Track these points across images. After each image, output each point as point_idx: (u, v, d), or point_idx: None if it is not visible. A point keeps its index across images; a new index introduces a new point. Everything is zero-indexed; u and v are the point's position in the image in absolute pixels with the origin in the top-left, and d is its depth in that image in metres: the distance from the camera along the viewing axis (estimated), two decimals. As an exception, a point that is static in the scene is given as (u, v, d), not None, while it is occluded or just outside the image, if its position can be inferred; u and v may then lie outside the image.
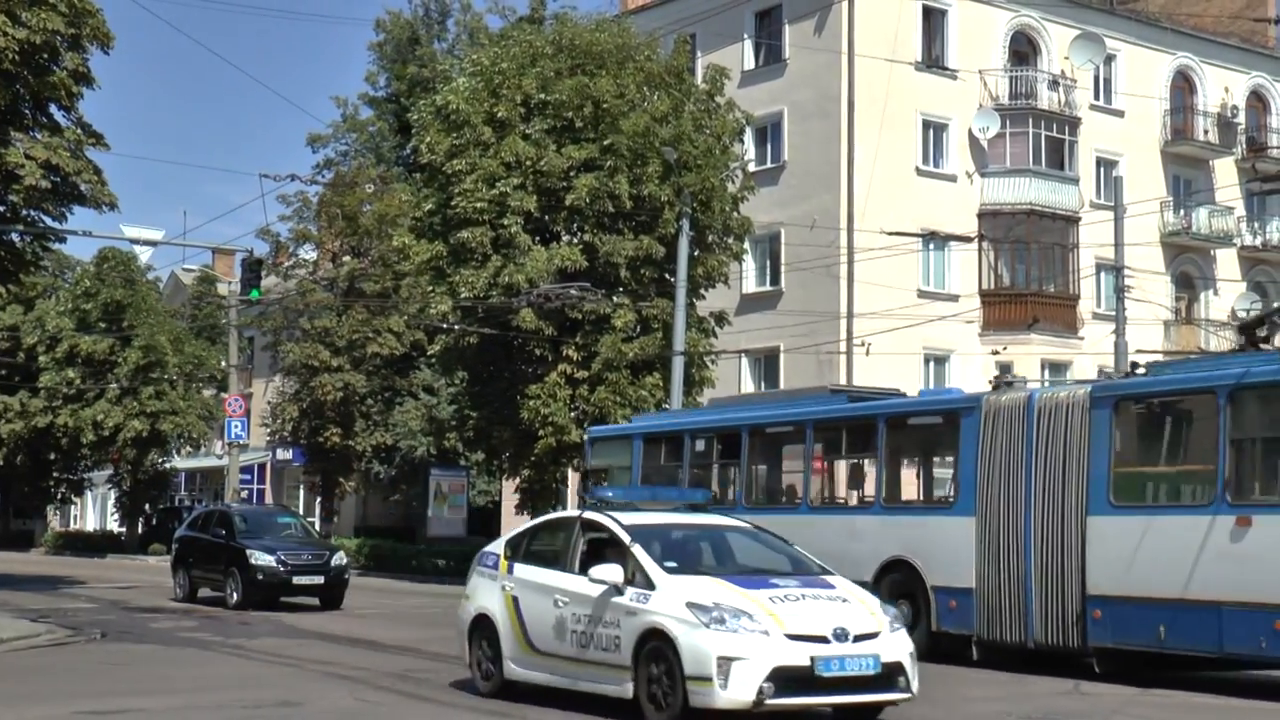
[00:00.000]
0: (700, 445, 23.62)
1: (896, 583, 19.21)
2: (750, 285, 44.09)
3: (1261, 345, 18.20)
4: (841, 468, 21.86)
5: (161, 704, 13.80)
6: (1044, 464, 17.77)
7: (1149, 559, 16.38)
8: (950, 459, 19.47)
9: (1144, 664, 16.86)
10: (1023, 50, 47.10)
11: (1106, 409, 17.23)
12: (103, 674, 16.52)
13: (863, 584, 15.47)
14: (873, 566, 19.38)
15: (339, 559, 28.00)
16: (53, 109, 31.30)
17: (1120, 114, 48.65)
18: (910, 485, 20.83)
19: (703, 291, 37.10)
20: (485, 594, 14.81)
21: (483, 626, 14.61)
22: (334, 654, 18.64)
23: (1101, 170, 47.61)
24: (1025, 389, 19.02)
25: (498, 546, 15.24)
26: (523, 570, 14.53)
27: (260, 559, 27.20)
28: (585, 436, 28.53)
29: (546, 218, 35.12)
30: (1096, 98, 48.25)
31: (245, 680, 15.81)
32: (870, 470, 20.90)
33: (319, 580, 27.49)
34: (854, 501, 21.26)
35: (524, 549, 14.87)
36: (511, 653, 14.21)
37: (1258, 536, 15.27)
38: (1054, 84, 46.50)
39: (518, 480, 37.06)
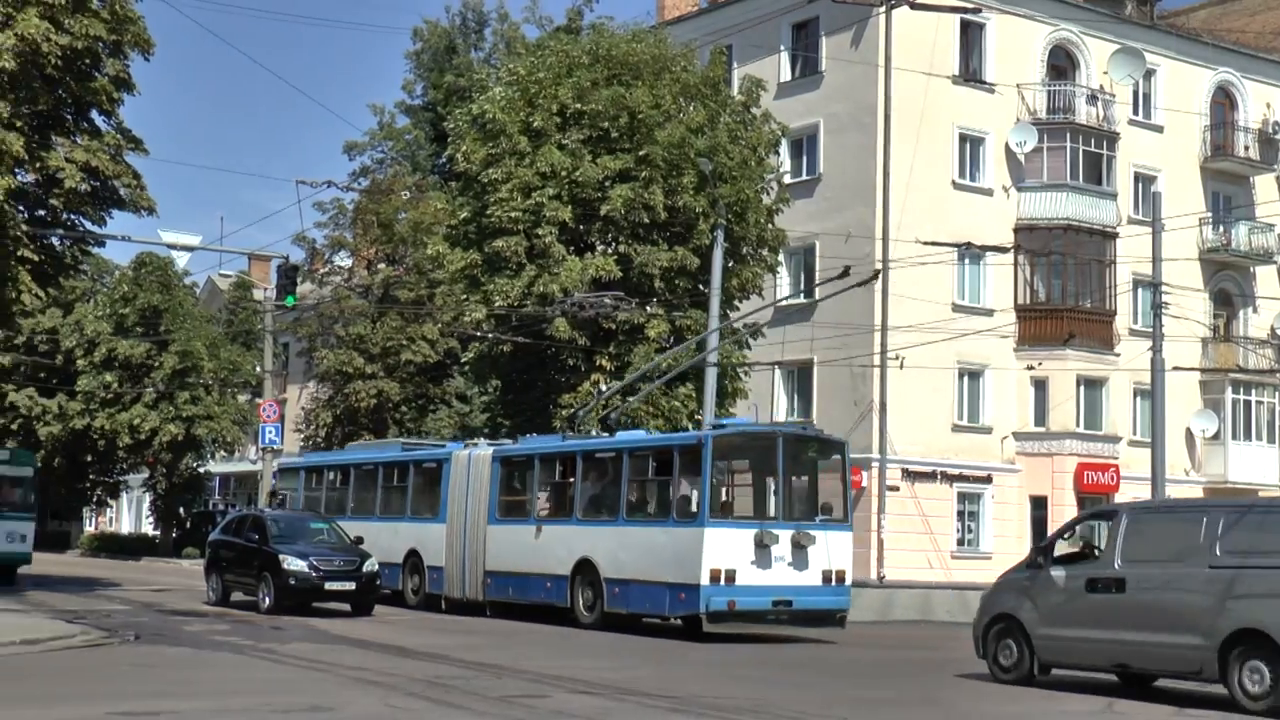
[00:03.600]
0: (331, 476, 35.40)
1: (413, 564, 30.60)
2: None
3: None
4: (395, 492, 32.26)
5: (193, 706, 13.85)
6: (474, 493, 28.94)
7: (509, 549, 27.88)
8: (438, 487, 30.29)
9: (510, 609, 27.87)
10: (1061, 64, 46.93)
11: (498, 461, 28.73)
12: (136, 676, 16.60)
13: (395, 564, 30.47)
14: (402, 553, 30.65)
15: (371, 565, 28.01)
16: (93, 114, 31.52)
17: (1160, 129, 48.43)
18: (423, 503, 31.04)
19: (736, 303, 37.09)
20: None
21: None
22: (365, 660, 18.69)
23: (1140, 186, 47.40)
24: (478, 448, 29.85)
25: None
26: None
27: (293, 564, 27.24)
28: (275, 467, 40.64)
29: (581, 228, 35.18)
30: (1136, 113, 48.02)
31: (276, 684, 15.87)
32: (407, 494, 31.67)
33: (351, 586, 27.49)
34: (397, 513, 31.72)
35: None
36: None
37: (544, 537, 27.16)
38: (1093, 99, 46.32)
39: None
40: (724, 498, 25.13)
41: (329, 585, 27.37)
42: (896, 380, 41.63)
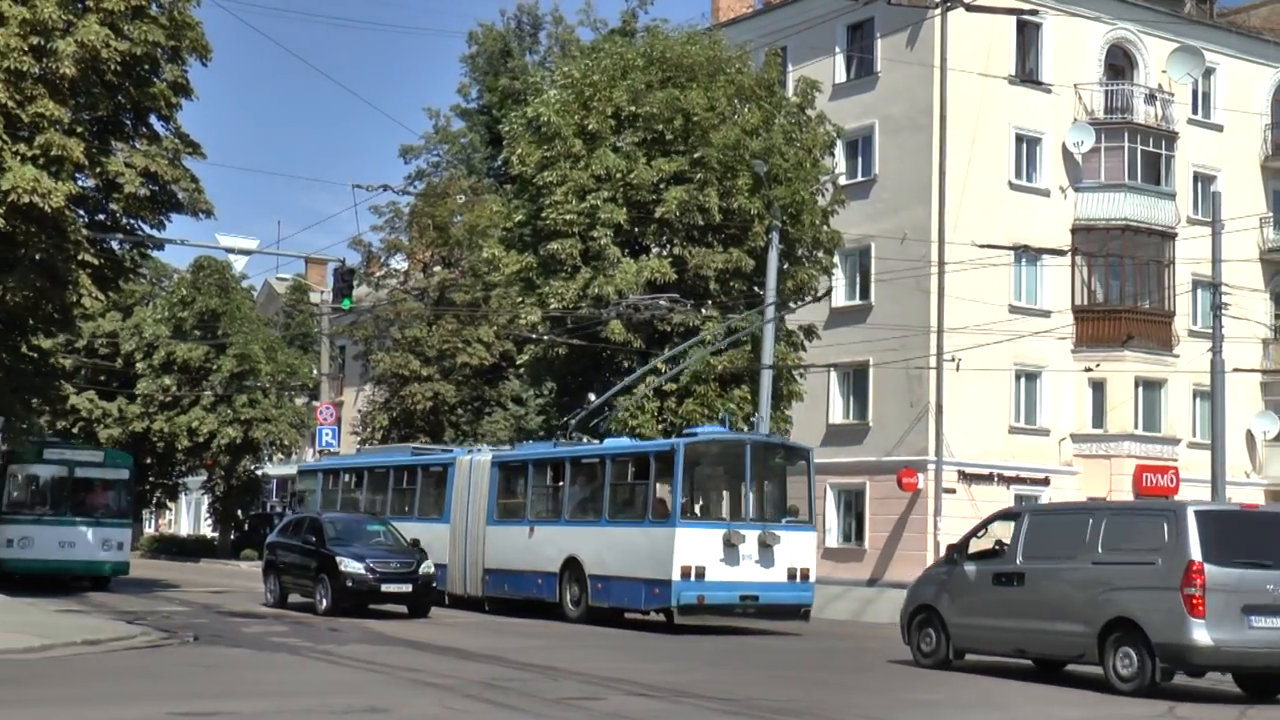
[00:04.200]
0: (347, 478, 36.83)
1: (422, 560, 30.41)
2: (840, 299, 43.90)
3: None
4: (404, 494, 33.88)
5: (251, 707, 13.95)
6: (475, 495, 30.74)
7: (505, 548, 29.50)
8: (443, 490, 32.11)
9: (506, 604, 29.38)
10: (1119, 64, 46.58)
11: (496, 466, 30.58)
12: (195, 676, 16.73)
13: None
14: None
15: (427, 567, 28.03)
16: (152, 119, 31.80)
17: (1219, 128, 47.99)
18: (429, 505, 32.76)
19: (792, 305, 37.00)
20: None
21: None
22: (421, 661, 18.76)
23: (1199, 185, 46.98)
24: (479, 453, 31.96)
25: None
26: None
27: (350, 566, 27.28)
28: (296, 469, 43.87)
29: (636, 230, 35.19)
30: (1195, 112, 47.59)
31: (334, 686, 15.96)
32: (415, 495, 33.34)
33: (407, 588, 27.51)
34: (406, 513, 32.81)
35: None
36: None
37: (537, 536, 28.89)
38: (1151, 98, 45.93)
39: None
40: (695, 500, 26.85)
41: (386, 587, 27.39)
42: (953, 382, 41.44)
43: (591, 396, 32.87)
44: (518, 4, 64.02)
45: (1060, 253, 40.73)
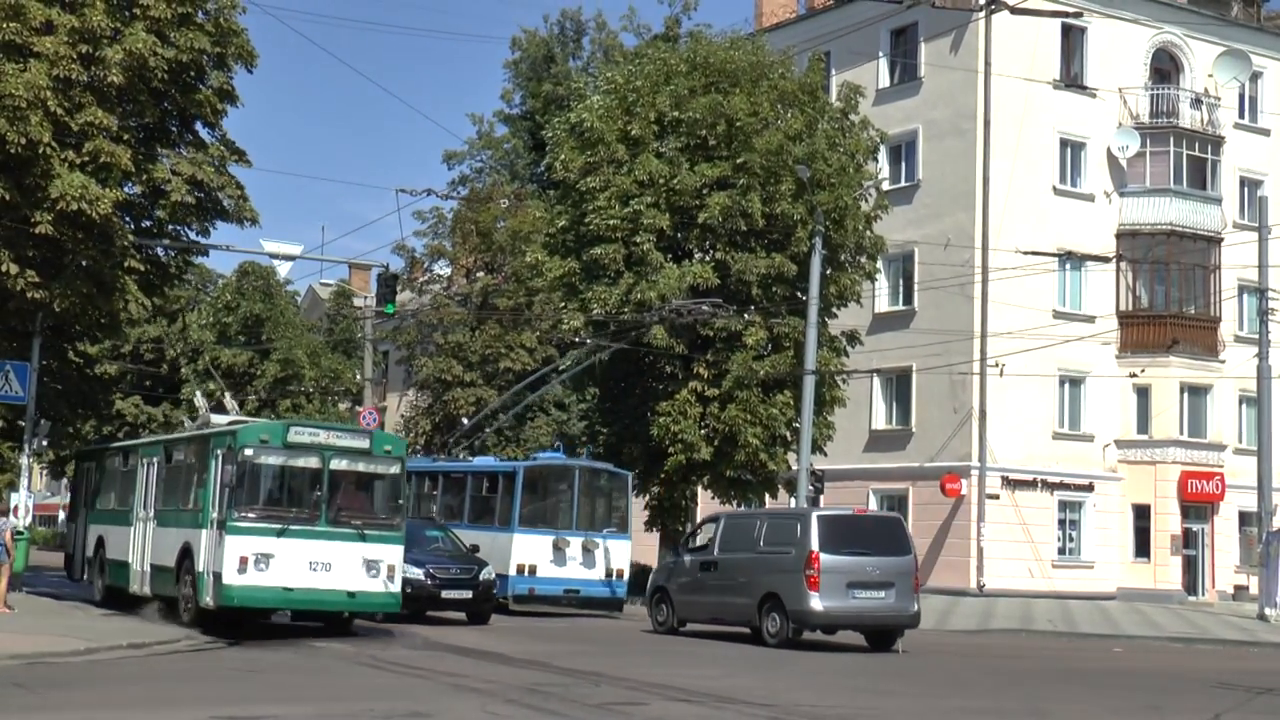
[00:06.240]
0: None
1: None
2: (883, 304, 43.83)
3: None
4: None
5: (294, 711, 14.01)
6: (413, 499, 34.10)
7: None
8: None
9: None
10: (1164, 68, 46.31)
11: (413, 477, 32.84)
12: (239, 680, 16.82)
13: None
14: None
15: (487, 574, 27.77)
16: (198, 126, 31.93)
17: (1266, 132, 47.66)
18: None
19: (835, 310, 36.93)
20: None
21: None
22: (465, 667, 18.80)
23: (1245, 190, 46.66)
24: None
25: None
26: None
27: (409, 572, 27.02)
28: None
29: (679, 235, 35.22)
30: (1241, 116, 47.29)
31: (377, 690, 16.01)
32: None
33: (467, 595, 27.28)
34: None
35: None
36: None
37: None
38: (1197, 102, 45.66)
39: (647, 497, 37.14)
40: (531, 511, 31.99)
41: (445, 594, 27.21)
42: (996, 387, 41.28)
43: (464, 421, 36.25)
44: (561, 10, 64.32)
45: (1105, 258, 40.56)
